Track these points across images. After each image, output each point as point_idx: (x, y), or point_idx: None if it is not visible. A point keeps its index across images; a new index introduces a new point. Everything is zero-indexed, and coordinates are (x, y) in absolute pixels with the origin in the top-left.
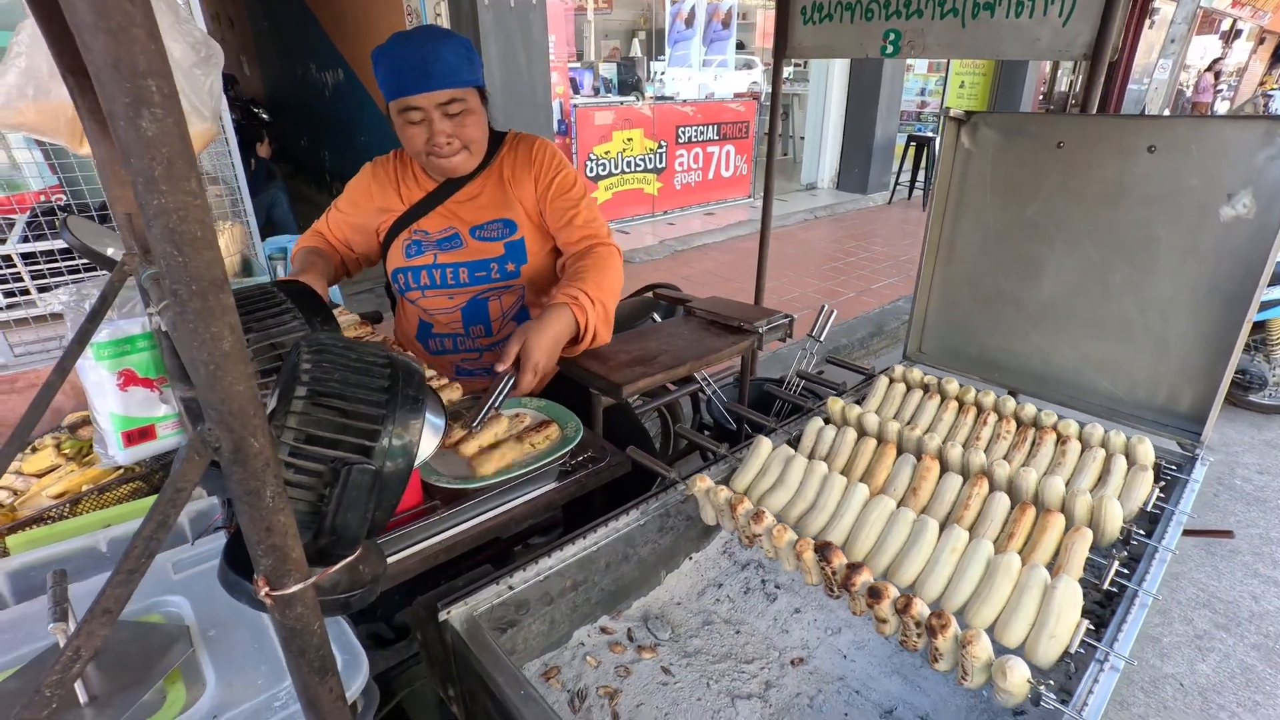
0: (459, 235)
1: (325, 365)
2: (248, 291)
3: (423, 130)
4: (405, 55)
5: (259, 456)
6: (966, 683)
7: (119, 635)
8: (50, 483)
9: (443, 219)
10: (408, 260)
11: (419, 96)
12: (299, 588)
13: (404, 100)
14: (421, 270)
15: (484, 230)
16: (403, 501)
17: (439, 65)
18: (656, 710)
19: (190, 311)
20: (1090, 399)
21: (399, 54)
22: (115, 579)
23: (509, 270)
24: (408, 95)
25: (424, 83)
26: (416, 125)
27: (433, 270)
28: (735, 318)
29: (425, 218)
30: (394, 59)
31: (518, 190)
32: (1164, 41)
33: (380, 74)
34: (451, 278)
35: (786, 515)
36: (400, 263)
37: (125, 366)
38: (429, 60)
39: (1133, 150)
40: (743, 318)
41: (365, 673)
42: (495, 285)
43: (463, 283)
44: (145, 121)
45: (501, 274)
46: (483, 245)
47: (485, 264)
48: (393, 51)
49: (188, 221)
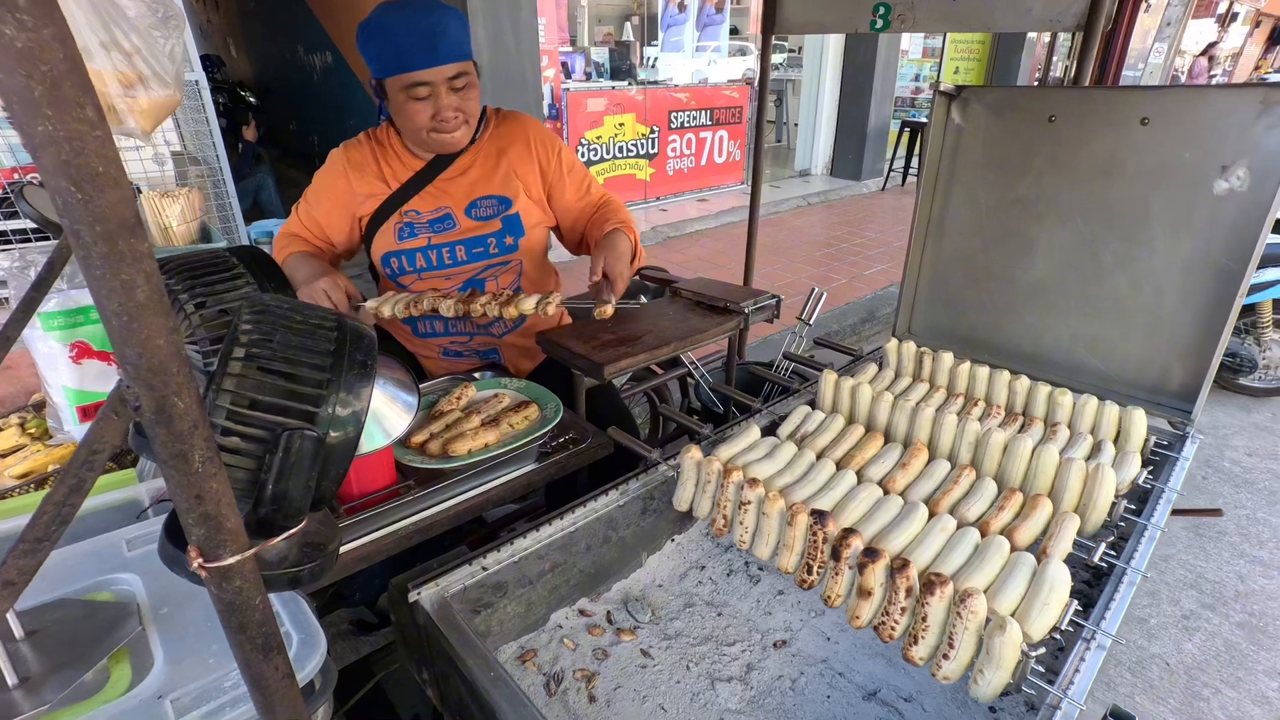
0: (451, 215)
1: (266, 326)
2: (200, 255)
3: (428, 106)
4: (407, 28)
5: (184, 417)
6: (946, 664)
7: (62, 613)
8: (14, 463)
9: (433, 198)
10: (400, 243)
11: (427, 71)
12: (236, 559)
13: (410, 76)
14: (416, 253)
15: (478, 208)
16: (376, 481)
17: (445, 38)
18: (634, 693)
19: (96, 256)
20: (1082, 378)
21: (398, 26)
22: (19, 549)
23: (507, 244)
24: (414, 70)
25: (432, 56)
26: (422, 101)
27: (428, 252)
28: (721, 298)
29: (415, 198)
30: (393, 32)
31: (517, 169)
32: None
33: (375, 48)
34: (449, 257)
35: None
36: (391, 246)
37: (78, 338)
38: (435, 33)
39: (1125, 123)
40: (729, 298)
41: (322, 652)
42: (494, 261)
43: (460, 261)
44: (9, 29)
45: (500, 249)
46: (477, 224)
47: (483, 239)
48: (389, 24)
49: (84, 154)
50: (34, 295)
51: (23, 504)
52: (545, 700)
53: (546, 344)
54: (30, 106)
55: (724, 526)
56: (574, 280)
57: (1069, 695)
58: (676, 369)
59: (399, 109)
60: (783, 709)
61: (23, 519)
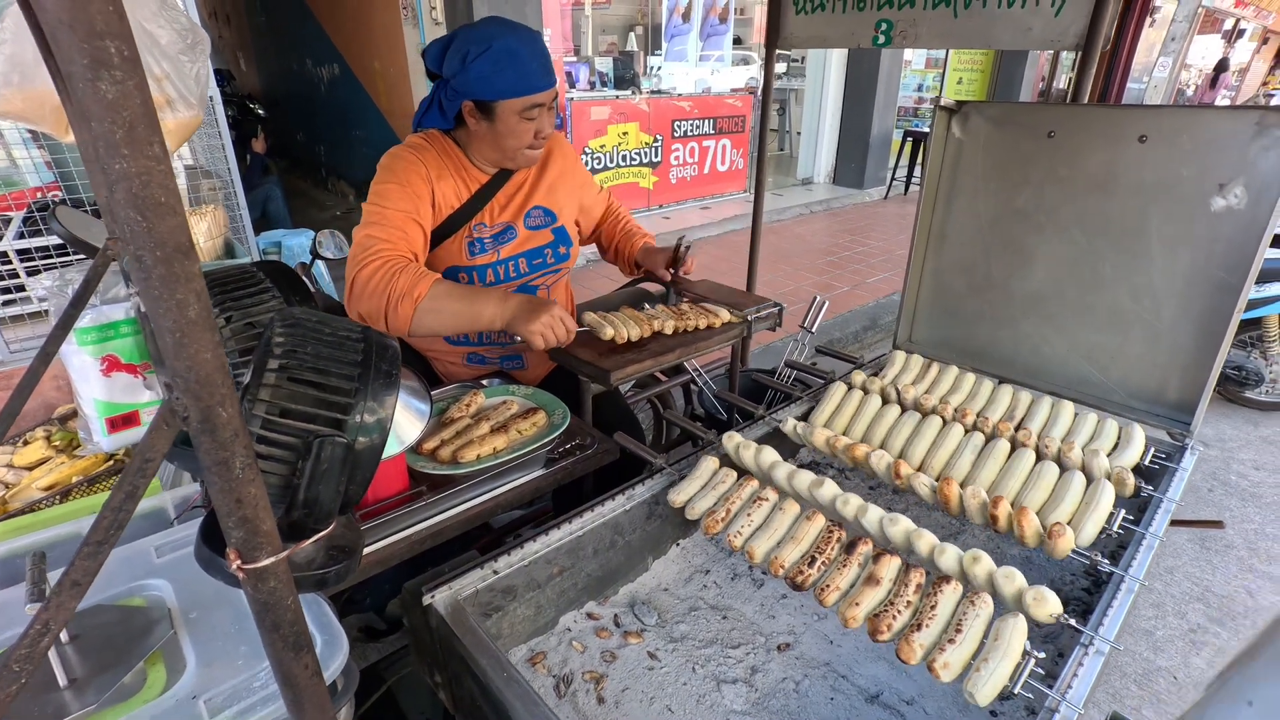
0: (513, 226)
1: (298, 338)
2: (228, 271)
3: (534, 125)
4: (529, 51)
5: (227, 426)
6: (946, 653)
7: (100, 619)
8: (40, 475)
9: (497, 211)
10: (471, 259)
11: (544, 93)
12: (271, 561)
13: (533, 98)
14: (488, 269)
15: (531, 218)
16: (389, 487)
17: (550, 62)
18: (642, 694)
19: (155, 278)
20: (1080, 389)
21: (522, 50)
22: (83, 551)
23: (561, 254)
24: (538, 92)
25: (549, 79)
26: (532, 121)
27: (498, 266)
28: (726, 304)
29: (483, 210)
30: (518, 56)
31: (554, 178)
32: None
33: (504, 74)
34: (514, 270)
35: None
36: (462, 261)
37: (108, 352)
38: (546, 56)
39: (1124, 139)
40: (732, 305)
41: (345, 653)
42: (549, 270)
43: (523, 273)
44: (104, 84)
45: (556, 258)
46: (533, 234)
47: (540, 251)
48: (514, 48)
49: (150, 187)
50: (72, 312)
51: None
52: (555, 701)
53: (554, 351)
54: (112, 148)
55: (722, 519)
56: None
57: (1067, 699)
58: (680, 376)
59: (510, 129)
60: (787, 710)
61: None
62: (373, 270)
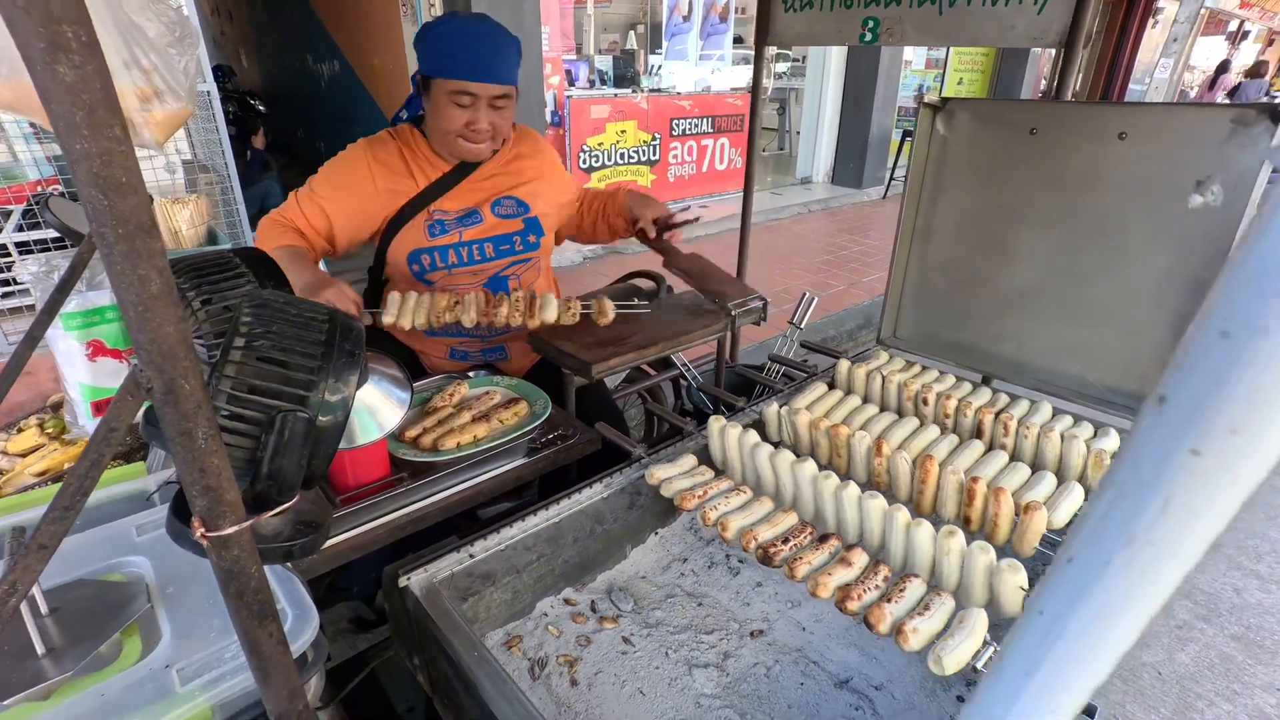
0: (478, 211)
1: (265, 319)
2: (205, 256)
3: (466, 114)
4: (474, 43)
5: (190, 398)
6: (917, 620)
7: (79, 593)
8: (33, 461)
9: (459, 199)
10: (432, 240)
11: (477, 85)
12: (234, 530)
13: (460, 84)
14: (449, 249)
15: (500, 206)
16: (370, 473)
17: (503, 61)
18: (615, 677)
19: (117, 254)
20: (1062, 383)
21: (467, 39)
22: (49, 516)
23: (530, 242)
24: (467, 80)
25: (488, 74)
26: (462, 109)
27: (459, 248)
28: (711, 290)
29: (443, 198)
30: (459, 42)
31: (530, 173)
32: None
33: (437, 51)
34: (478, 254)
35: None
36: (423, 243)
37: (94, 337)
38: (496, 56)
39: (1104, 137)
40: (718, 289)
41: (315, 626)
42: (518, 258)
43: (488, 257)
44: (63, 68)
45: (525, 245)
46: (501, 221)
47: (508, 237)
48: (459, 34)
49: (112, 167)
50: (58, 297)
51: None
52: (529, 684)
53: (538, 344)
54: (73, 129)
55: (698, 497)
56: (570, 285)
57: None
58: (669, 370)
59: (438, 109)
60: (757, 694)
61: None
62: (262, 225)
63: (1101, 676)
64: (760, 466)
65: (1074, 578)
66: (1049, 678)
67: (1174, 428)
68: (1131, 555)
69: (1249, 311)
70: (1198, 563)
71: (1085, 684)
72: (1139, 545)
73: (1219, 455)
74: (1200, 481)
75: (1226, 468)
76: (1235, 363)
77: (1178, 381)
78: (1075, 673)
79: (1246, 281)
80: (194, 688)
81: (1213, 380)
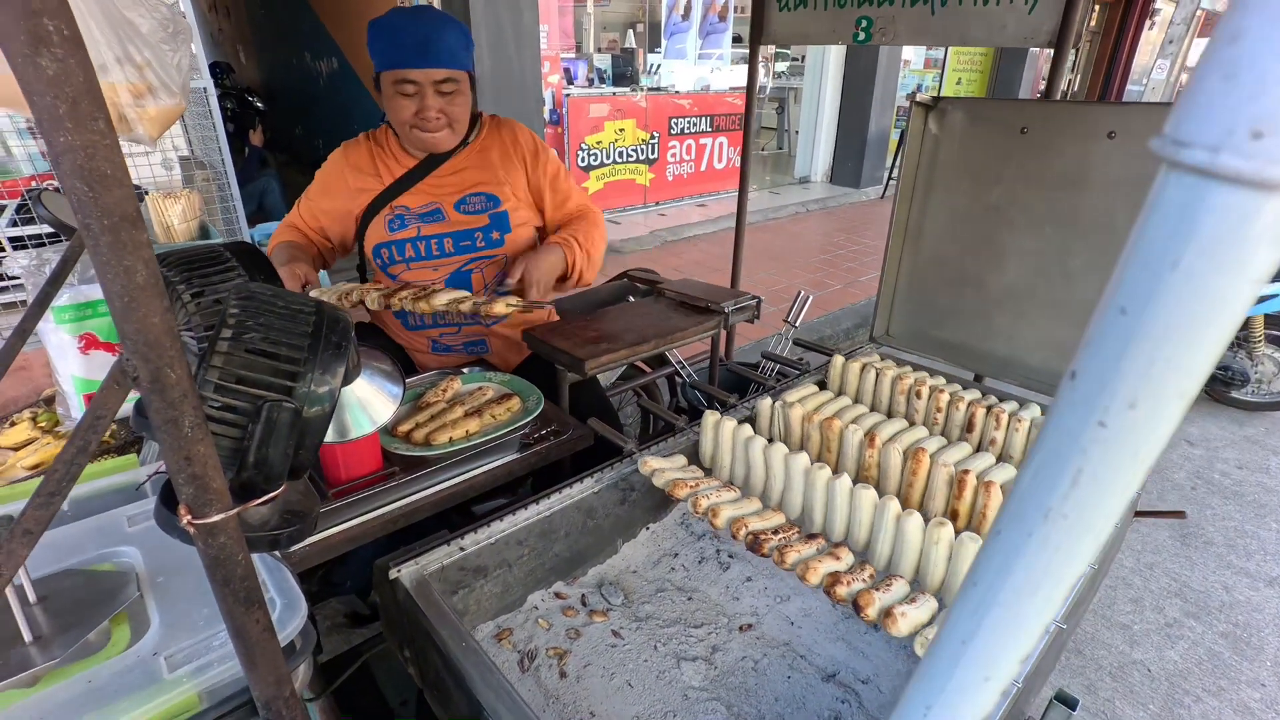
0: (440, 209)
1: (252, 311)
2: (196, 250)
3: (413, 103)
4: (407, 31)
5: (176, 387)
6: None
7: (68, 582)
8: (25, 455)
9: (423, 195)
10: (390, 234)
11: (416, 71)
12: (221, 517)
13: (400, 72)
14: (406, 243)
15: (466, 204)
16: (362, 467)
17: (440, 45)
18: (603, 670)
19: (103, 245)
20: (1052, 381)
21: (401, 29)
22: (35, 502)
23: (494, 239)
24: (406, 68)
25: (423, 59)
26: (408, 98)
27: (417, 243)
28: (703, 299)
29: (406, 194)
30: (395, 33)
31: (505, 170)
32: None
33: (377, 45)
34: (436, 249)
35: (748, 485)
36: (383, 237)
37: (86, 330)
38: (431, 39)
39: (1093, 136)
40: (710, 298)
41: (303, 614)
42: (480, 255)
43: (448, 252)
44: (45, 61)
45: (486, 242)
46: (465, 218)
47: (470, 234)
48: (394, 25)
49: (96, 159)
50: (49, 290)
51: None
52: (519, 676)
53: (531, 340)
54: (56, 122)
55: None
56: None
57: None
58: (664, 368)
59: (388, 101)
60: (744, 687)
61: None
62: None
63: (1029, 645)
64: (753, 459)
65: (1001, 549)
66: (982, 646)
67: (1083, 402)
68: (1048, 529)
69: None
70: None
71: (1015, 652)
72: (1054, 518)
73: (1120, 428)
74: (1107, 453)
75: (1128, 440)
76: (1132, 338)
77: (1087, 357)
78: (1005, 641)
79: (1140, 261)
80: (181, 674)
81: (1113, 355)
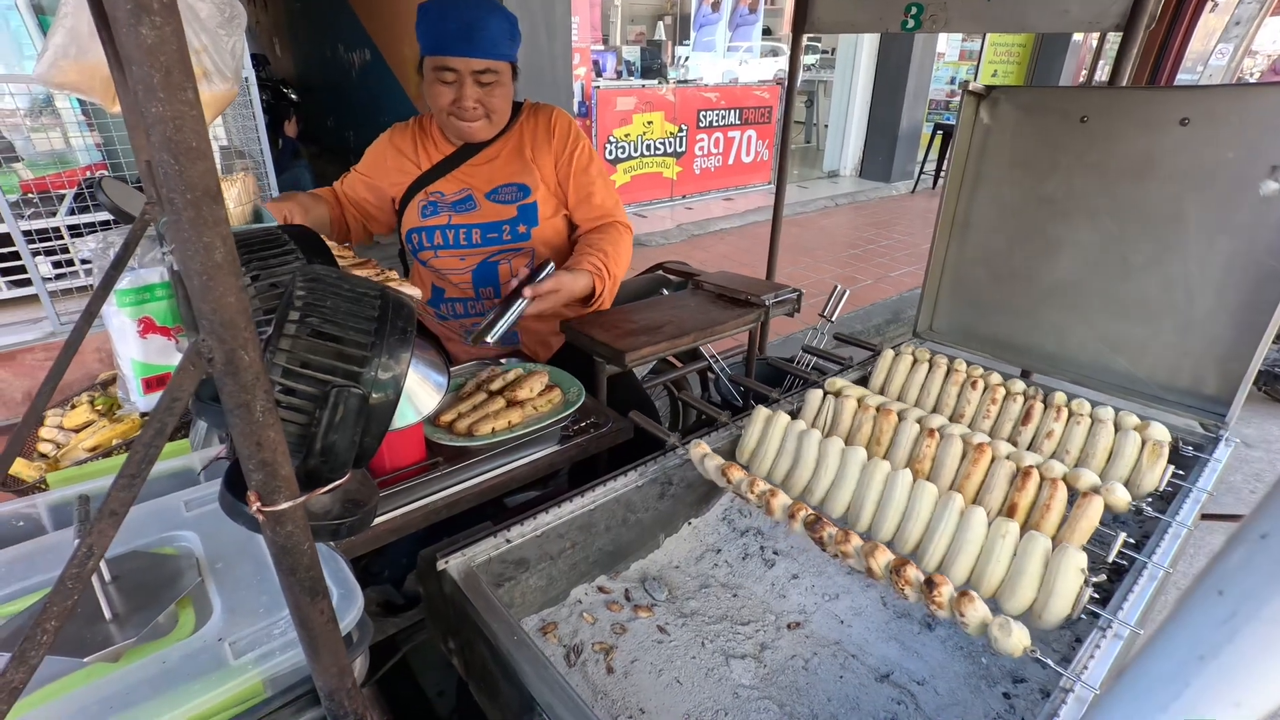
0: (472, 197)
1: (319, 294)
2: (254, 233)
3: (451, 90)
4: (453, 17)
5: (249, 369)
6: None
7: (135, 564)
8: (85, 437)
9: (458, 181)
10: (423, 220)
11: (456, 59)
12: (289, 505)
13: (441, 59)
14: (436, 230)
15: (498, 194)
16: (406, 457)
17: (483, 34)
18: (650, 666)
19: (185, 220)
20: (1106, 378)
21: (446, 13)
22: (118, 484)
23: (520, 232)
24: (446, 55)
25: (465, 47)
26: (447, 85)
27: (446, 230)
28: (742, 291)
29: (441, 180)
30: (440, 18)
31: (536, 158)
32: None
33: (422, 28)
34: (465, 238)
35: (790, 481)
36: (415, 223)
37: (145, 314)
38: (475, 27)
39: (1163, 123)
40: (750, 291)
41: (360, 607)
42: (506, 247)
43: (475, 243)
44: (145, 29)
45: (513, 235)
46: (496, 207)
47: (497, 225)
48: (440, 9)
49: (183, 131)
50: (113, 273)
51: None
52: (565, 670)
53: (570, 331)
54: (150, 92)
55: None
56: None
57: (1083, 680)
58: (697, 362)
59: (428, 87)
60: (795, 686)
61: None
62: None
63: None
64: (804, 453)
65: (1271, 554)
66: (1231, 665)
67: None
68: None
69: None
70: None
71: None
72: None
73: None
74: None
75: None
76: None
77: None
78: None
79: None
80: (246, 661)
81: None
